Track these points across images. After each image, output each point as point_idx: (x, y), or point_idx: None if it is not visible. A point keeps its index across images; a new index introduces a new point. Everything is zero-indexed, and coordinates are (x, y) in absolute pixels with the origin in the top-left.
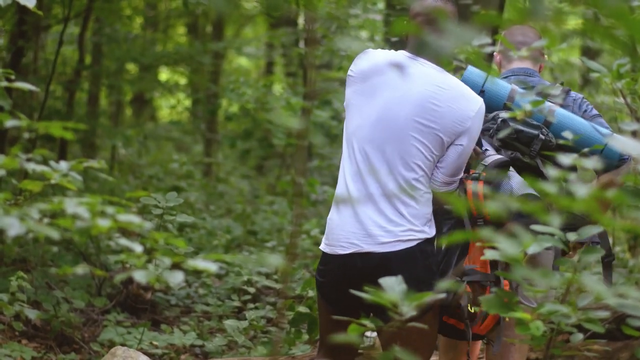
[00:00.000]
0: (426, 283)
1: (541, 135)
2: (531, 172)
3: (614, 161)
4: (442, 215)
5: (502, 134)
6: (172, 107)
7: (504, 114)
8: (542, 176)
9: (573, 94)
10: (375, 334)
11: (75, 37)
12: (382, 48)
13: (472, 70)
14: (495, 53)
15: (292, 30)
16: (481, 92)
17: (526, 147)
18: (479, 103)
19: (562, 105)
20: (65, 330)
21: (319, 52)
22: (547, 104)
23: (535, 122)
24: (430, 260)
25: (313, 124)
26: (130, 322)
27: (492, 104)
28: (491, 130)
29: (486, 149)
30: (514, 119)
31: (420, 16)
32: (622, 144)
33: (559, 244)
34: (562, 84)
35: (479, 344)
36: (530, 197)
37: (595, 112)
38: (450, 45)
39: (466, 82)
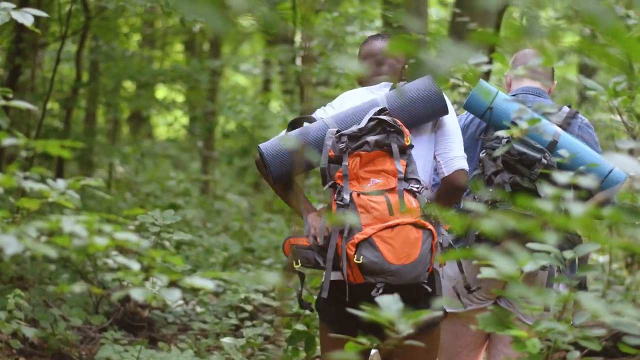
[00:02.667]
0: None
1: (544, 160)
2: (529, 196)
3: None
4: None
5: (499, 151)
6: (169, 124)
7: (502, 133)
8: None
9: (580, 117)
10: (374, 350)
11: (73, 55)
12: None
13: (479, 88)
14: (505, 73)
15: (289, 47)
16: (489, 110)
17: (527, 169)
18: None
19: (566, 130)
20: (62, 348)
21: (315, 70)
22: (554, 127)
23: (539, 146)
24: None
25: None
26: (127, 340)
27: (500, 121)
28: (495, 150)
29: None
30: (518, 141)
31: (370, 57)
32: (619, 162)
33: (554, 262)
34: (569, 106)
35: (481, 354)
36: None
37: (595, 140)
38: (446, 64)
39: (472, 100)
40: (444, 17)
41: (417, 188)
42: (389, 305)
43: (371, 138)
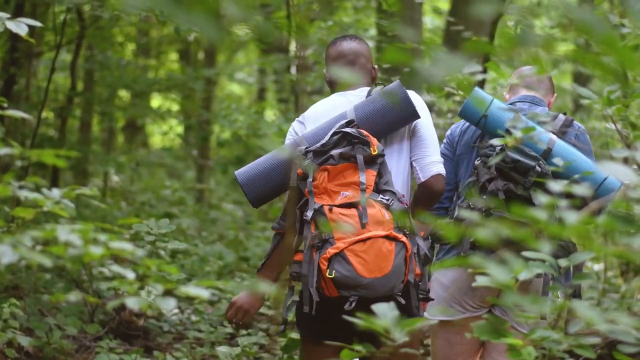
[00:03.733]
0: None
1: (537, 168)
2: (522, 203)
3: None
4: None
5: (494, 160)
6: (164, 133)
7: (496, 141)
8: (533, 207)
9: (576, 125)
10: None
11: (68, 64)
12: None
13: (474, 96)
14: (504, 93)
15: (283, 56)
16: (483, 117)
17: (522, 177)
18: None
19: (562, 138)
20: (57, 357)
21: (310, 79)
22: (549, 135)
23: (533, 153)
24: None
25: None
26: (122, 349)
27: (494, 129)
28: (489, 158)
29: None
30: (513, 148)
31: (341, 58)
32: (613, 170)
33: (549, 270)
34: (565, 114)
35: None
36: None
37: (589, 148)
38: (440, 73)
39: (467, 107)
40: (438, 26)
41: (388, 200)
42: (385, 314)
43: (336, 151)
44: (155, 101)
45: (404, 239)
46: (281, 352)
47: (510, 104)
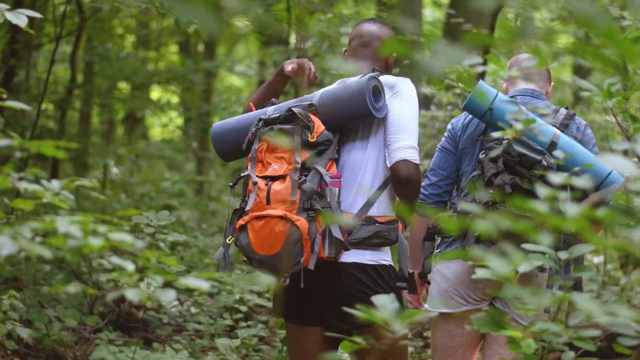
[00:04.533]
0: None
1: (544, 162)
2: (528, 197)
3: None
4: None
5: (496, 152)
6: (164, 125)
7: (498, 134)
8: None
9: (577, 119)
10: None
11: (67, 56)
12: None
13: (479, 89)
14: (501, 81)
15: (283, 48)
16: (489, 110)
17: (527, 171)
18: None
19: (564, 132)
20: (57, 349)
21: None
22: (553, 129)
23: (539, 148)
24: None
25: None
26: (122, 341)
27: (499, 123)
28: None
29: None
30: (518, 141)
31: (357, 38)
32: (613, 163)
33: (551, 263)
34: (567, 108)
35: (476, 355)
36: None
37: (592, 142)
38: (440, 65)
39: (472, 101)
40: (438, 18)
41: (300, 179)
42: (384, 305)
43: (277, 126)
44: (155, 93)
45: (299, 221)
46: (280, 344)
47: (511, 97)
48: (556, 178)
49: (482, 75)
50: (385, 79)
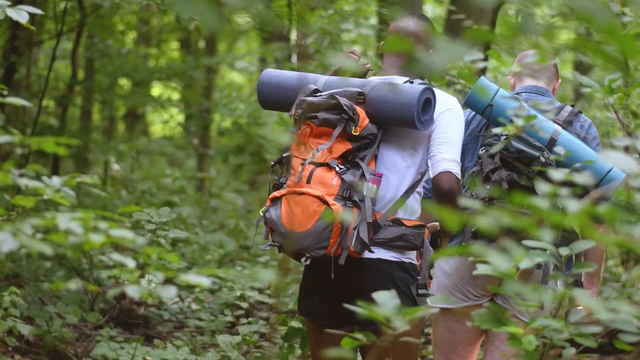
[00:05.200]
0: None
1: (542, 158)
2: (526, 193)
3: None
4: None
5: (496, 148)
6: (164, 122)
7: (498, 130)
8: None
9: (582, 117)
10: None
11: (68, 53)
12: (375, 63)
13: (480, 85)
14: (508, 76)
15: (284, 45)
16: (489, 106)
17: (526, 167)
18: None
19: (567, 129)
20: (58, 346)
21: (311, 67)
22: (554, 126)
23: (538, 144)
24: None
25: None
26: (123, 338)
27: (500, 118)
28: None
29: None
30: (517, 137)
31: (395, 34)
32: (614, 159)
33: (550, 259)
34: (572, 105)
35: (477, 350)
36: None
37: (597, 141)
38: (441, 61)
39: (472, 97)
40: (439, 14)
41: (341, 170)
42: (385, 302)
43: (322, 114)
44: (156, 90)
45: (335, 206)
46: (282, 341)
47: (516, 93)
48: (556, 174)
49: (483, 72)
50: (440, 94)
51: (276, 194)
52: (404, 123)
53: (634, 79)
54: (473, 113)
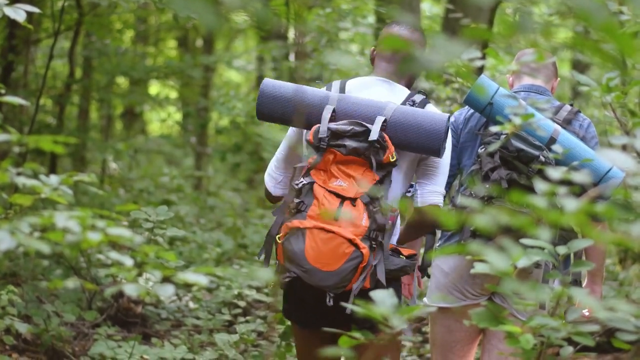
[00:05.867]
0: None
1: (541, 157)
2: (525, 192)
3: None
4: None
5: (494, 146)
6: (162, 120)
7: (497, 129)
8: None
9: (581, 117)
10: None
11: (66, 51)
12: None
13: (480, 83)
14: (507, 75)
15: (282, 43)
16: (489, 105)
17: (525, 166)
18: None
19: (566, 128)
20: (55, 344)
21: (309, 66)
22: (553, 125)
23: (537, 143)
24: None
25: None
26: (120, 336)
27: (498, 117)
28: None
29: None
30: (516, 136)
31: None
32: (611, 158)
33: (548, 258)
34: (571, 104)
35: (474, 349)
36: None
37: (596, 140)
38: (439, 59)
39: (472, 95)
40: (437, 13)
41: (375, 207)
42: (383, 301)
43: (349, 143)
44: (154, 88)
45: (365, 250)
46: (279, 340)
47: (515, 92)
48: (555, 173)
49: (480, 70)
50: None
51: (298, 224)
52: (425, 151)
53: (632, 78)
54: (472, 111)
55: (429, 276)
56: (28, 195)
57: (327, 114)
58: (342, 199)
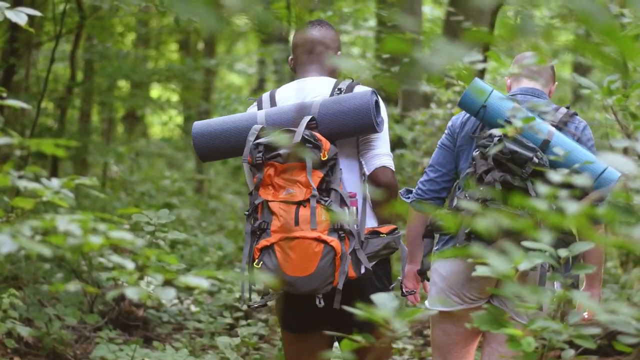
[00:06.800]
0: None
1: (535, 159)
2: (520, 194)
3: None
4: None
5: (493, 150)
6: (163, 124)
7: (497, 131)
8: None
9: (577, 119)
10: None
11: (67, 54)
12: (374, 65)
13: (474, 86)
14: (505, 77)
15: (283, 46)
16: (482, 108)
17: (519, 168)
18: None
19: (562, 130)
20: (57, 348)
21: None
22: (547, 127)
23: (531, 145)
24: None
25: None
26: (122, 339)
27: (493, 120)
28: (487, 149)
29: None
30: (511, 139)
31: (300, 46)
32: (613, 161)
33: (548, 260)
34: (568, 107)
35: (473, 351)
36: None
37: (591, 142)
38: (441, 63)
39: (466, 98)
40: (438, 15)
41: (327, 201)
42: (384, 304)
43: (284, 151)
44: (155, 91)
45: (334, 242)
46: (280, 343)
47: (512, 95)
48: (555, 176)
49: (482, 73)
50: (366, 88)
51: (265, 242)
52: (362, 131)
53: (633, 81)
54: (467, 115)
55: (428, 279)
56: (29, 199)
57: (254, 131)
58: (297, 204)
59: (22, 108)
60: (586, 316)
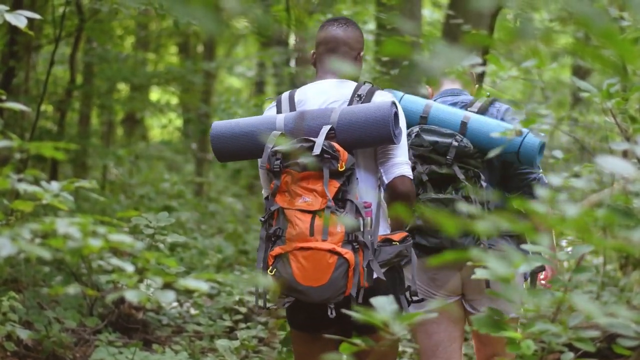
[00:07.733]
0: None
1: (454, 142)
2: (448, 182)
3: (535, 153)
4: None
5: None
6: (163, 126)
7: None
8: (459, 183)
9: (498, 104)
10: None
11: (67, 57)
12: (373, 67)
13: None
14: (426, 86)
15: (283, 49)
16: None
17: (442, 156)
18: None
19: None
20: (56, 350)
21: (309, 72)
22: (464, 112)
23: (448, 131)
24: None
25: None
26: (122, 342)
27: (408, 120)
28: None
29: None
30: (426, 130)
31: (323, 44)
32: (611, 164)
33: (545, 262)
34: (488, 96)
35: (461, 348)
36: None
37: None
38: (440, 66)
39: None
40: (437, 19)
41: (342, 212)
42: (383, 307)
43: (302, 160)
44: (155, 94)
45: (348, 254)
46: (280, 346)
47: (434, 99)
48: (555, 179)
49: (481, 76)
50: (386, 96)
51: (280, 250)
52: (380, 142)
53: (633, 84)
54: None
55: None
56: (29, 202)
57: (274, 136)
58: (313, 213)
59: (22, 111)
60: (543, 277)
